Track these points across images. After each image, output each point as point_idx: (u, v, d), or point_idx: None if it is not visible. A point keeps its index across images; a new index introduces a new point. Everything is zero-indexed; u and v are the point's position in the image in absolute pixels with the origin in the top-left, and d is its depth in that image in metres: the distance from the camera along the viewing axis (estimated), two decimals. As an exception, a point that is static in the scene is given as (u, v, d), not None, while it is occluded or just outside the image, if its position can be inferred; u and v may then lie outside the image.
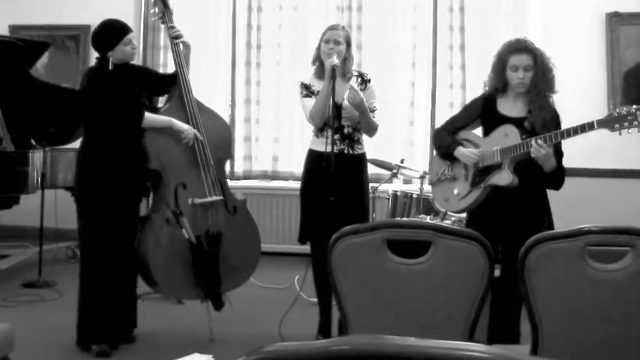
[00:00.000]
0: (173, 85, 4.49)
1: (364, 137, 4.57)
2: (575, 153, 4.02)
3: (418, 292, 2.36)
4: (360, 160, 4.53)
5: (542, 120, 3.78)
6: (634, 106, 3.49)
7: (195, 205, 4.35)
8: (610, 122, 3.51)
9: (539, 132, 3.70)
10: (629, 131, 3.50)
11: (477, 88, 4.16)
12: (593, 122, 3.50)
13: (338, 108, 4.30)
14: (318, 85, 4.48)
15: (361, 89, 4.47)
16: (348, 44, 4.49)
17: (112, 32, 4.22)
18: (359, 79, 4.54)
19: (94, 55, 4.37)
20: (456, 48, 7.04)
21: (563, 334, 2.31)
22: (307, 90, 4.50)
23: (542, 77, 3.80)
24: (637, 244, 2.24)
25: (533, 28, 6.88)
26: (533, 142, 3.59)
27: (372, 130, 4.51)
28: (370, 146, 5.45)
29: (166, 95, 4.64)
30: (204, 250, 4.31)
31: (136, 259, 4.29)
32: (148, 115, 4.20)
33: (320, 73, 4.47)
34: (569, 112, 4.12)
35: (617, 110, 3.56)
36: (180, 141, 4.33)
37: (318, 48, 4.48)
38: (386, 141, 7.06)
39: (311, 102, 4.44)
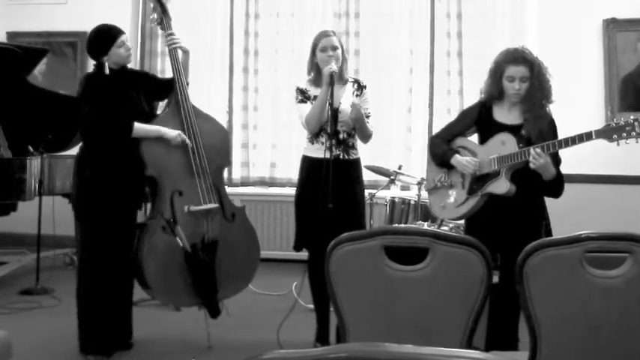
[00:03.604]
0: (171, 89, 4.48)
1: (359, 142, 4.56)
2: (574, 159, 4.01)
3: (416, 299, 2.35)
4: (356, 166, 4.52)
5: (538, 130, 3.78)
6: (632, 117, 3.50)
7: (192, 212, 4.34)
8: (608, 132, 3.51)
9: (535, 141, 3.70)
10: (627, 142, 3.50)
11: (474, 94, 4.16)
12: (591, 132, 3.50)
13: (334, 112, 4.29)
14: (313, 90, 4.47)
15: (357, 95, 4.47)
16: (341, 47, 4.49)
17: (104, 36, 4.21)
18: (355, 85, 4.54)
19: (91, 62, 4.36)
20: (453, 54, 7.04)
21: (562, 340, 2.31)
22: (303, 95, 4.49)
23: (538, 88, 3.80)
24: (636, 250, 2.23)
25: (530, 34, 6.89)
26: (531, 150, 3.59)
27: (367, 136, 4.50)
28: (368, 153, 5.47)
29: (165, 101, 4.63)
30: (200, 258, 4.30)
31: (133, 265, 4.28)
32: (137, 125, 4.17)
33: (317, 81, 4.46)
34: (567, 119, 4.13)
35: (615, 120, 3.56)
36: (176, 148, 4.32)
37: (313, 56, 4.47)
38: (383, 147, 7.08)
39: (306, 107, 4.43)
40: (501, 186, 3.80)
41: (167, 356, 4.39)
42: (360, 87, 4.55)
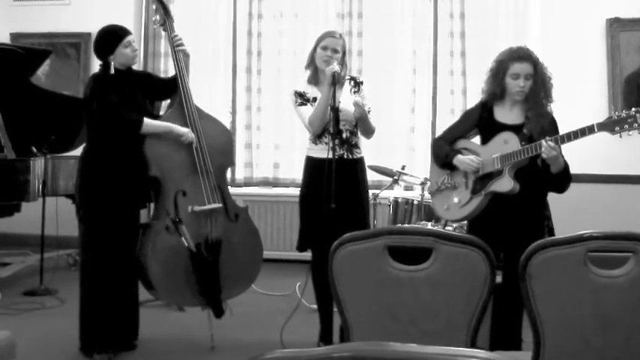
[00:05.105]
0: (174, 89, 4.49)
1: (362, 142, 4.57)
2: (576, 159, 4.01)
3: (419, 299, 2.35)
4: (360, 165, 4.53)
5: (540, 128, 3.79)
6: (633, 109, 3.51)
7: (195, 212, 4.35)
8: (610, 125, 3.52)
9: (537, 139, 3.70)
10: (630, 133, 3.51)
11: (477, 94, 4.16)
12: (593, 125, 3.51)
13: (335, 112, 4.29)
14: (312, 92, 4.48)
15: (355, 92, 4.48)
16: (344, 53, 4.50)
17: (111, 36, 4.23)
18: (352, 83, 4.55)
19: (95, 63, 4.39)
20: (456, 54, 7.04)
21: (565, 340, 2.31)
22: (302, 98, 4.49)
23: (541, 86, 3.82)
24: (639, 249, 2.23)
25: (533, 33, 6.89)
26: (544, 142, 3.59)
27: (370, 132, 4.52)
28: (371, 153, 5.46)
29: (168, 101, 4.64)
30: (204, 258, 4.30)
31: (137, 266, 4.29)
32: (147, 120, 4.20)
33: (314, 77, 4.48)
34: (570, 118, 4.12)
35: (616, 113, 3.57)
36: (180, 148, 4.33)
37: (314, 52, 4.48)
38: (387, 147, 7.08)
39: (307, 109, 4.43)
40: (505, 184, 3.80)
41: (171, 356, 4.39)
42: (357, 84, 4.56)
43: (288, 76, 7.30)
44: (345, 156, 4.42)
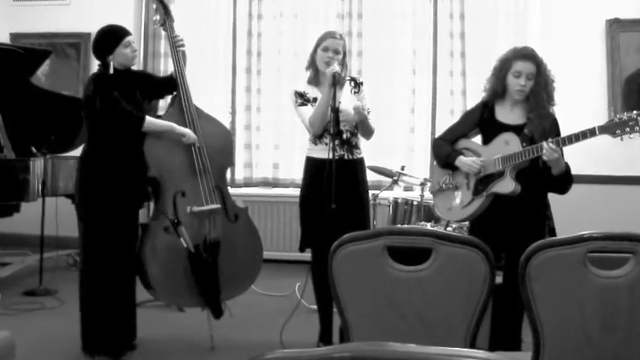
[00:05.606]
0: (173, 87, 4.49)
1: (362, 142, 4.57)
2: (576, 160, 4.01)
3: (419, 299, 2.35)
4: (360, 165, 4.53)
5: (542, 129, 3.79)
6: (634, 112, 3.51)
7: (194, 213, 4.34)
8: (611, 128, 3.52)
9: (539, 140, 3.70)
10: (631, 136, 3.50)
11: (477, 95, 4.16)
12: (594, 128, 3.51)
13: (336, 112, 4.29)
14: (312, 92, 4.48)
15: (355, 92, 4.49)
16: (344, 54, 4.50)
17: (110, 36, 4.23)
18: (352, 83, 4.55)
19: (94, 63, 4.37)
20: (456, 54, 7.04)
21: (565, 340, 2.31)
22: (302, 98, 4.49)
23: (544, 87, 3.82)
24: (639, 250, 2.23)
25: (533, 34, 6.89)
26: (545, 144, 3.59)
27: (370, 133, 4.52)
28: (370, 153, 5.45)
29: (168, 100, 4.64)
30: (203, 259, 4.30)
31: (136, 266, 4.29)
32: (149, 118, 4.20)
33: (315, 79, 4.48)
34: (570, 119, 4.13)
35: (617, 116, 3.57)
36: (179, 149, 4.33)
37: (314, 53, 4.47)
38: (386, 148, 7.08)
39: (307, 110, 4.43)
40: (507, 186, 3.80)
41: (170, 356, 4.39)
42: (357, 84, 4.56)
43: (288, 76, 7.30)
44: (346, 156, 4.42)
